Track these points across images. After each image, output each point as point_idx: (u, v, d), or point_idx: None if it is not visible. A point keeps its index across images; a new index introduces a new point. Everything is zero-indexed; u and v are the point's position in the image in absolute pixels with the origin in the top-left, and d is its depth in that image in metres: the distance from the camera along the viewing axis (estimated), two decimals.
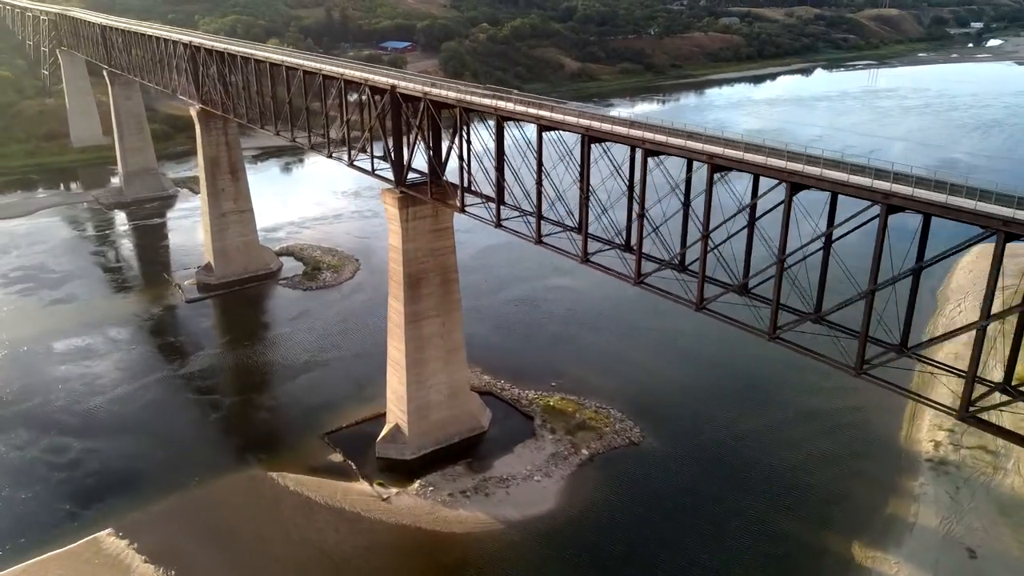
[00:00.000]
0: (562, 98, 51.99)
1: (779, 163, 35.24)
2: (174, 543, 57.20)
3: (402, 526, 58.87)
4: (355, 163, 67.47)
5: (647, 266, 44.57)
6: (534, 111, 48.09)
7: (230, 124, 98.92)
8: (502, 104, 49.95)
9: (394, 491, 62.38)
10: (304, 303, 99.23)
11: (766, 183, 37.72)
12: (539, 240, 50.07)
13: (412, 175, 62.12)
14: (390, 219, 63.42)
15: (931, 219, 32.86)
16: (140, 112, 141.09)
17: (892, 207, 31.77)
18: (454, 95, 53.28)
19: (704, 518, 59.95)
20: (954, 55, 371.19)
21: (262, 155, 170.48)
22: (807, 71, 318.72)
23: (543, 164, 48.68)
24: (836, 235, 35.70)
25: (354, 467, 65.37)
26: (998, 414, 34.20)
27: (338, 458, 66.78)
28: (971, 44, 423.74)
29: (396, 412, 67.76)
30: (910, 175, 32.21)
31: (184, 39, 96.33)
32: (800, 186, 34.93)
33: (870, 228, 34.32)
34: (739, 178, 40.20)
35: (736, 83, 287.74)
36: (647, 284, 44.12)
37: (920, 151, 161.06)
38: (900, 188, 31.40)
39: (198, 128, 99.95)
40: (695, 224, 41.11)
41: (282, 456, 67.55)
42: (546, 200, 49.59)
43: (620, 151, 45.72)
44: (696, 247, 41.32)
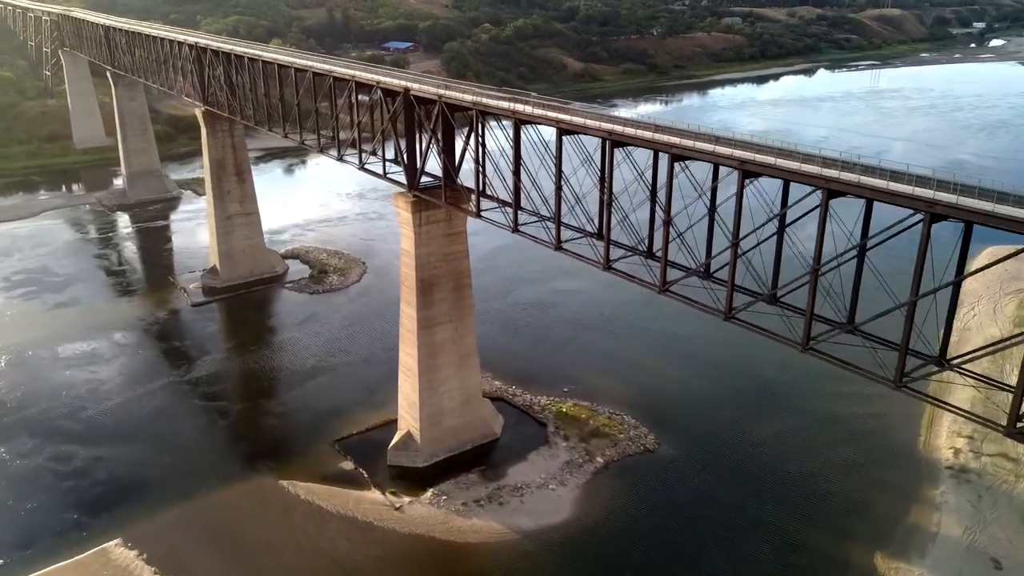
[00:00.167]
0: (565, 99, 50.98)
1: (813, 169, 34.15)
2: (184, 553, 56.29)
3: (416, 536, 57.88)
4: (366, 166, 66.47)
5: (672, 274, 43.45)
6: (554, 114, 46.99)
7: (236, 126, 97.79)
8: (520, 107, 48.79)
9: (407, 500, 61.38)
10: (311, 307, 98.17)
11: (798, 189, 36.64)
12: (559, 246, 48.96)
13: (424, 179, 61.11)
14: (403, 223, 62.31)
15: (972, 227, 31.87)
16: (144, 113, 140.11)
17: (936, 215, 30.71)
18: (470, 97, 52.16)
19: (722, 527, 58.95)
20: (957, 55, 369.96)
21: (265, 156, 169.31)
22: (810, 71, 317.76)
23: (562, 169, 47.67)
24: (872, 243, 34.66)
25: (365, 475, 64.35)
26: None
27: (349, 466, 65.77)
28: (973, 44, 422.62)
29: (408, 419, 66.73)
30: (951, 182, 31.13)
31: (190, 40, 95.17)
32: (836, 193, 33.87)
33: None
34: (763, 181, 39.20)
35: (739, 83, 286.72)
36: (672, 292, 43.03)
37: (927, 152, 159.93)
38: (944, 196, 30.35)
39: (204, 130, 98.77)
40: (722, 231, 39.97)
41: (292, 463, 66.51)
42: (564, 205, 48.50)
43: (641, 155, 44.71)
44: (723, 254, 40.26)
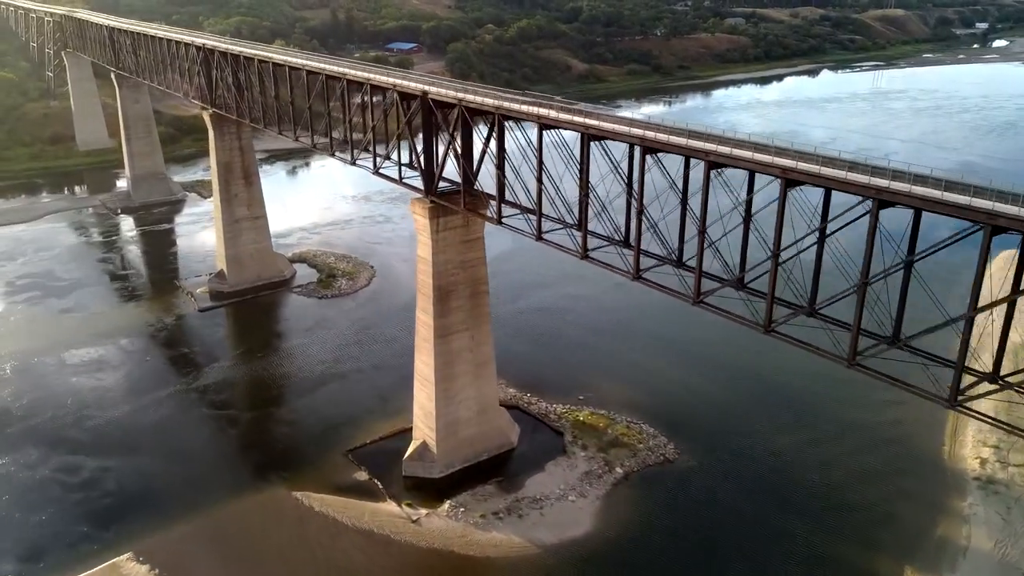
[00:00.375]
0: (570, 100, 49.73)
1: (862, 178, 32.84)
2: (196, 567, 54.98)
3: (434, 550, 56.50)
4: (380, 171, 65.05)
5: (705, 284, 42.20)
6: (580, 119, 45.58)
7: (243, 128, 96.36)
8: (545, 111, 47.40)
9: (423, 512, 60.00)
10: (320, 312, 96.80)
11: (840, 199, 35.40)
12: (585, 255, 47.61)
13: (441, 184, 59.70)
14: (420, 230, 60.92)
15: None
16: (149, 115, 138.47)
17: (997, 228, 29.38)
18: (492, 102, 50.75)
19: (747, 539, 57.67)
20: (961, 56, 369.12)
21: (269, 158, 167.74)
22: (814, 72, 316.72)
23: (586, 174, 46.37)
24: (920, 255, 33.57)
25: (380, 486, 62.97)
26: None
27: (363, 476, 64.37)
28: (977, 45, 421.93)
29: (424, 429, 65.35)
30: (1009, 192, 29.85)
31: (197, 41, 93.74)
32: (886, 203, 32.60)
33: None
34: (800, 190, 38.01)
35: (744, 84, 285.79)
36: (706, 303, 41.77)
37: (936, 153, 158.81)
38: (1004, 207, 29.04)
39: (211, 133, 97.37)
40: (758, 241, 38.76)
41: (304, 474, 65.13)
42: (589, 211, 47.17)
43: (669, 160, 43.38)
44: (760, 265, 39.06)
